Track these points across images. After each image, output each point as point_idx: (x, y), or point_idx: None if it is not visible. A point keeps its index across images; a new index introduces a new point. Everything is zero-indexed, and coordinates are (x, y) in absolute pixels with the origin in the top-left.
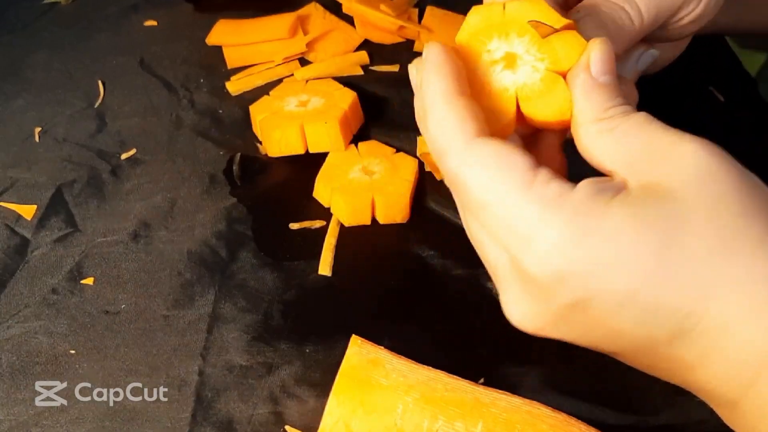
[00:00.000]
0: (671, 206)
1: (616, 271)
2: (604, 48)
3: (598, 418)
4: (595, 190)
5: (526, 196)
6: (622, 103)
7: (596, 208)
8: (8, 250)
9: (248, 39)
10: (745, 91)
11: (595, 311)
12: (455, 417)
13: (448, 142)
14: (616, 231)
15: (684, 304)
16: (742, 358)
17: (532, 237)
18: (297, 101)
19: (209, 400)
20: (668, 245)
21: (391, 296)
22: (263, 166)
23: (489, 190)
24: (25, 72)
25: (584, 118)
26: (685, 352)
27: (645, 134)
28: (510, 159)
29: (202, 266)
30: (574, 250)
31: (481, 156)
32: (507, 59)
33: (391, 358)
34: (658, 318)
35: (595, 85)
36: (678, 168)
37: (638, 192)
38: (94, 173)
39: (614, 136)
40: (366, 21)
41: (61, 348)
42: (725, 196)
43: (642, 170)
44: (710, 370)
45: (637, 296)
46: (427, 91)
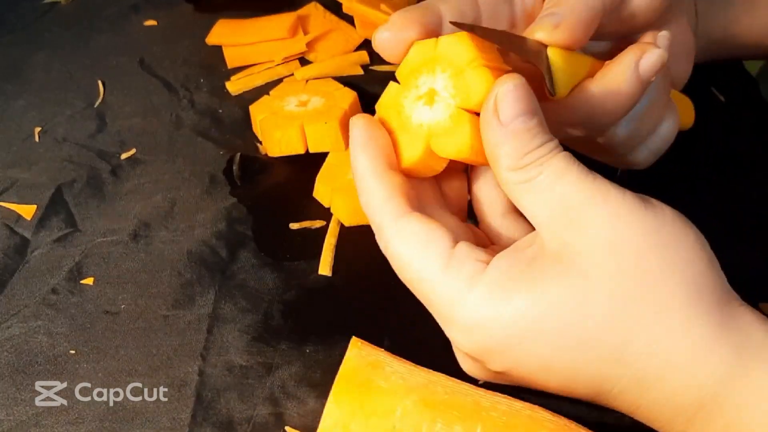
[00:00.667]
0: (574, 283)
1: (530, 344)
2: (513, 87)
3: (598, 419)
4: (506, 267)
5: (443, 278)
6: (539, 144)
7: (507, 287)
8: (8, 250)
9: (248, 39)
10: (746, 92)
11: (521, 376)
12: (454, 420)
13: (378, 219)
14: (526, 308)
15: (598, 371)
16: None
17: (451, 316)
18: (297, 101)
19: (209, 400)
20: (572, 322)
21: (391, 296)
22: (263, 166)
23: (412, 270)
24: (26, 72)
25: (500, 167)
26: (615, 403)
27: (559, 188)
28: (431, 238)
29: (202, 266)
30: (489, 328)
31: (404, 235)
32: (428, 95)
33: (391, 361)
34: (577, 383)
35: (504, 133)
36: (587, 233)
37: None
38: (94, 173)
39: (531, 188)
40: (366, 21)
41: (61, 348)
42: (625, 268)
43: (555, 231)
44: (644, 418)
45: (554, 365)
46: (356, 167)
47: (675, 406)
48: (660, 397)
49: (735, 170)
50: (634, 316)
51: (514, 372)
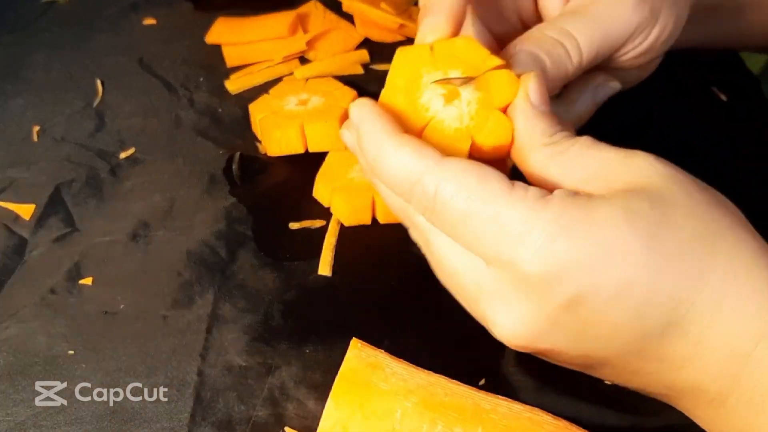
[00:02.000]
0: (652, 200)
1: (609, 264)
2: (537, 80)
3: (598, 419)
4: (572, 194)
5: (511, 200)
6: (563, 129)
7: (582, 206)
8: (6, 250)
9: (248, 38)
10: (748, 91)
11: (591, 305)
12: (454, 422)
13: (419, 166)
14: (604, 225)
15: (675, 293)
16: (730, 348)
17: (524, 235)
18: (297, 100)
19: (209, 400)
20: (656, 237)
21: (391, 296)
22: (263, 165)
23: (474, 198)
24: (25, 71)
25: (533, 145)
26: (675, 344)
27: (597, 153)
28: (485, 171)
29: (202, 266)
30: (567, 244)
31: (457, 169)
32: (447, 96)
33: (391, 362)
34: (651, 308)
35: (538, 112)
36: (642, 174)
37: (615, 192)
38: (93, 173)
39: (567, 157)
40: (366, 19)
41: (60, 348)
42: (693, 193)
43: (607, 181)
44: (699, 365)
45: (631, 288)
46: (371, 138)
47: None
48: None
49: (737, 170)
50: (715, 235)
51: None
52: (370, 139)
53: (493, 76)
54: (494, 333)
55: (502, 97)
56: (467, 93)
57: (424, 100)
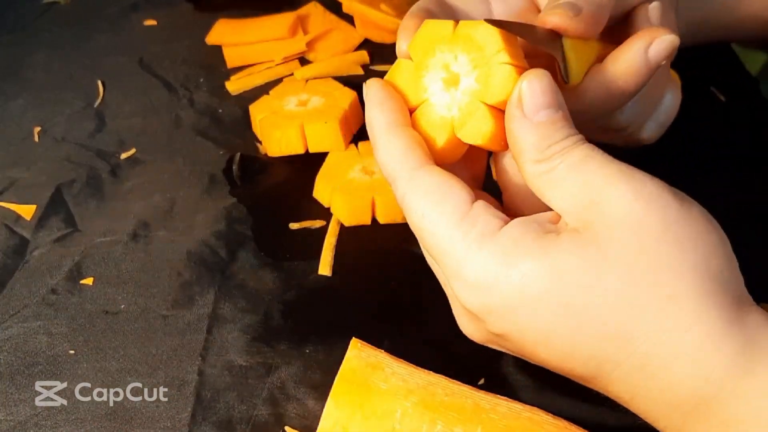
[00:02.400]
0: (590, 256)
1: (532, 313)
2: (538, 81)
3: (598, 418)
4: (522, 231)
5: (456, 232)
6: (562, 138)
7: (519, 250)
8: (7, 250)
9: (248, 38)
10: (747, 91)
11: (520, 343)
12: (454, 422)
13: (395, 170)
14: (533, 276)
15: (597, 353)
16: (668, 402)
17: (459, 271)
18: (297, 101)
19: (209, 400)
20: (580, 296)
21: (391, 296)
22: (263, 165)
23: (426, 220)
24: (25, 72)
25: (523, 159)
26: (612, 388)
27: (581, 175)
28: (448, 192)
29: (202, 266)
30: (493, 290)
31: (422, 186)
32: (450, 79)
33: (391, 362)
34: (576, 361)
35: (528, 126)
36: (606, 213)
37: (565, 237)
38: (94, 173)
39: (553, 178)
40: (366, 20)
41: (61, 348)
42: (642, 250)
43: (575, 213)
44: (641, 407)
45: (553, 338)
46: (373, 123)
47: (674, 398)
48: (660, 387)
49: (736, 170)
50: (646, 298)
51: (513, 336)
52: (373, 125)
53: (492, 70)
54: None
55: (496, 94)
56: (466, 82)
57: (426, 80)
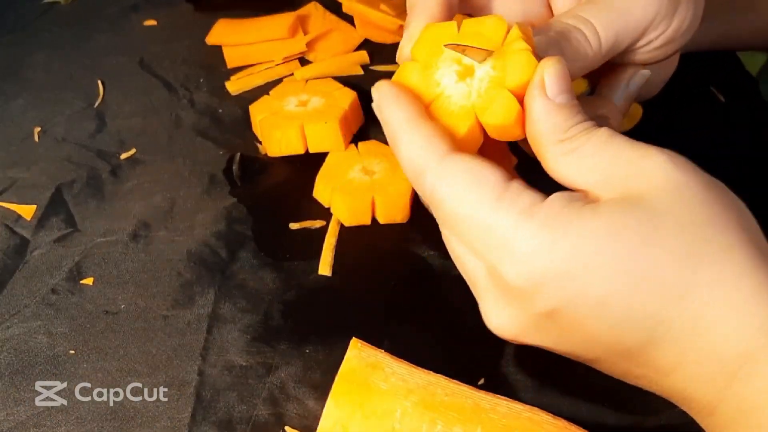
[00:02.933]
0: (642, 214)
1: (589, 276)
2: (557, 67)
3: (598, 418)
4: (566, 201)
5: (499, 207)
6: (581, 121)
7: (568, 216)
8: (8, 250)
9: (248, 39)
10: (746, 91)
11: (570, 317)
12: (454, 422)
13: (423, 161)
14: (587, 238)
15: (654, 311)
16: (717, 360)
17: (507, 245)
18: (297, 101)
19: (209, 400)
20: (639, 252)
21: (391, 296)
22: (263, 166)
23: (464, 203)
24: (25, 72)
25: (546, 140)
26: (658, 358)
27: (610, 150)
28: (482, 173)
29: (202, 266)
30: (547, 256)
31: (454, 171)
32: (461, 72)
33: (391, 362)
34: (630, 324)
35: (553, 106)
36: (646, 180)
37: (610, 202)
38: (94, 173)
39: (579, 155)
40: (366, 20)
41: (61, 348)
42: (692, 206)
43: (612, 185)
44: (685, 375)
45: (610, 302)
46: (391, 121)
47: (724, 354)
48: (712, 343)
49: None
50: (700, 252)
51: (565, 309)
52: (392, 122)
53: (511, 56)
54: (485, 322)
55: (517, 78)
56: (481, 71)
57: (438, 76)
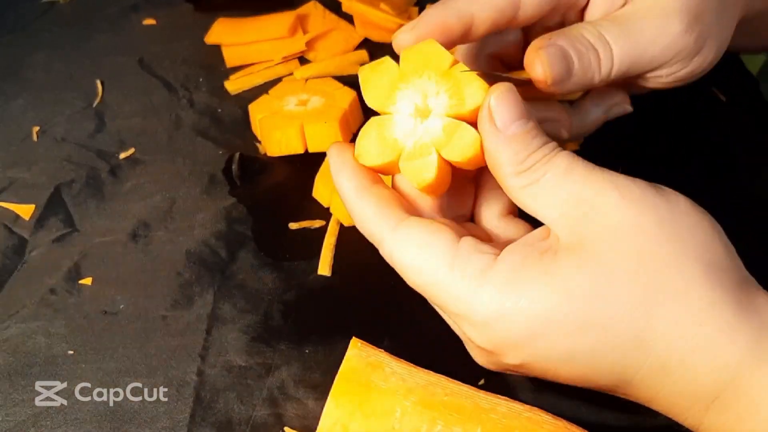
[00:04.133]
0: (595, 268)
1: (551, 335)
2: (505, 95)
3: (598, 419)
4: (519, 258)
5: (453, 276)
6: (539, 146)
7: (522, 277)
8: (6, 250)
9: (247, 38)
10: (747, 91)
11: (540, 369)
12: (454, 422)
13: (376, 233)
14: (544, 299)
15: (619, 359)
16: (689, 396)
17: (467, 313)
18: (297, 100)
19: (208, 400)
20: (594, 308)
21: (391, 296)
22: (263, 165)
23: (421, 274)
24: (25, 72)
25: (504, 173)
26: (634, 392)
27: (567, 187)
28: (432, 236)
29: (202, 266)
30: (507, 321)
31: (405, 242)
32: (418, 113)
33: (391, 361)
34: (599, 372)
35: (504, 138)
36: (599, 226)
37: (561, 258)
38: (93, 173)
39: (538, 189)
40: (366, 20)
41: (60, 348)
42: (645, 250)
43: (568, 227)
44: (663, 404)
45: (575, 356)
46: (342, 190)
47: (694, 391)
48: (680, 382)
49: (735, 170)
50: (655, 298)
51: (533, 365)
52: (341, 192)
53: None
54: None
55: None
56: (438, 103)
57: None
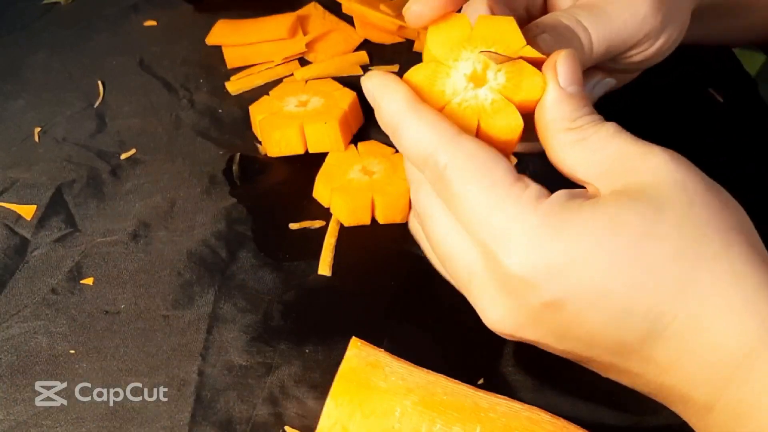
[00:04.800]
0: (643, 208)
1: (589, 269)
2: (570, 59)
3: (598, 419)
4: (569, 196)
5: (509, 194)
6: (590, 113)
7: (570, 210)
8: (8, 250)
9: (248, 39)
10: (745, 92)
11: (570, 310)
12: (453, 421)
13: (435, 140)
14: (589, 230)
15: (655, 305)
16: (715, 359)
17: (511, 234)
18: (297, 101)
19: (209, 400)
20: (639, 245)
21: (391, 296)
22: (263, 166)
23: (476, 185)
24: (25, 72)
25: (555, 128)
26: (657, 353)
27: (615, 145)
28: (495, 159)
29: (202, 266)
30: (549, 248)
31: (469, 152)
32: (473, 78)
33: (391, 361)
34: (630, 317)
35: (564, 94)
36: (649, 177)
37: (611, 196)
38: (94, 173)
39: (586, 146)
40: (366, 21)
41: (61, 348)
42: (693, 204)
43: (614, 179)
44: (683, 372)
45: (610, 294)
46: (390, 108)
47: (719, 356)
48: (709, 343)
49: (734, 171)
50: (701, 249)
51: (566, 300)
52: (386, 111)
53: (524, 70)
54: (482, 318)
55: (526, 94)
56: (495, 80)
57: (449, 80)
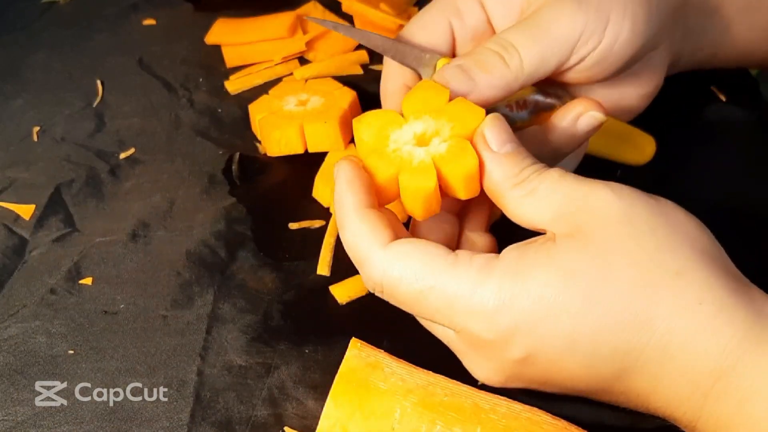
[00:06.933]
0: (594, 253)
1: (552, 322)
2: (494, 123)
3: (598, 419)
4: (520, 251)
5: (456, 272)
6: (531, 163)
7: (525, 266)
8: (6, 250)
9: (247, 38)
10: (747, 91)
11: (543, 361)
12: (453, 422)
13: (367, 250)
14: (547, 284)
15: (620, 343)
16: (689, 382)
17: (471, 306)
18: (296, 100)
19: (208, 400)
20: (596, 290)
21: None
22: (263, 165)
23: (420, 278)
24: (24, 72)
25: (503, 187)
26: (635, 384)
27: (562, 190)
28: (428, 249)
29: (201, 266)
30: (512, 308)
31: (400, 254)
32: (417, 139)
33: (390, 362)
34: (599, 360)
35: (500, 156)
36: (596, 216)
37: (563, 244)
38: (93, 173)
39: (536, 196)
40: (365, 20)
41: (60, 348)
42: (639, 235)
43: (565, 223)
44: (663, 396)
45: (576, 343)
46: (342, 203)
47: (695, 376)
48: (682, 366)
49: (735, 170)
50: (656, 279)
51: (537, 352)
52: (341, 207)
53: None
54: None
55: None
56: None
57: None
